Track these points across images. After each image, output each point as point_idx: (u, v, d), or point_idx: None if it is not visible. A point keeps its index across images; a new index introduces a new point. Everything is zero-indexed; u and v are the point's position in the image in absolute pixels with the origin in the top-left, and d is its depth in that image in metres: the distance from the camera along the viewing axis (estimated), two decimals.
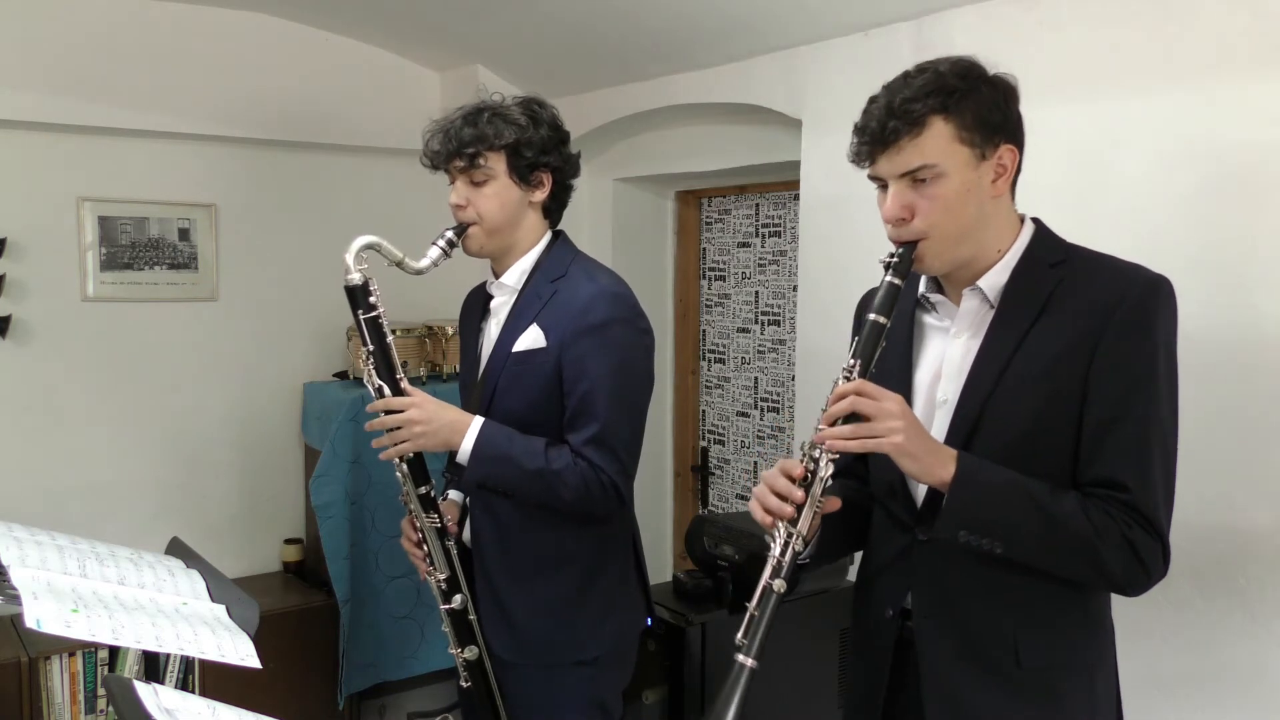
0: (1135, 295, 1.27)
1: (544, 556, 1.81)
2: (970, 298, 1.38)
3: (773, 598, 1.27)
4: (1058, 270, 1.33)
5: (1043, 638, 1.34)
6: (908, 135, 1.27)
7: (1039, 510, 1.26)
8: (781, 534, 1.29)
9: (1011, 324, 1.33)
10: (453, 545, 1.80)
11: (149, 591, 1.23)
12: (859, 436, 1.26)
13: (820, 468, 1.30)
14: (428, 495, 1.77)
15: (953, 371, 1.38)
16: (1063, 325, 1.30)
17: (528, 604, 1.80)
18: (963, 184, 1.29)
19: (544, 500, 1.73)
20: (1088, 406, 1.28)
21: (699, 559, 2.58)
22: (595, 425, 1.72)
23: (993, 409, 1.31)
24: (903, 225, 1.31)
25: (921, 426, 1.29)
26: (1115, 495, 1.27)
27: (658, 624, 2.36)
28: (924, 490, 1.38)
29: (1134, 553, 1.26)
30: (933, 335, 1.43)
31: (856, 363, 1.30)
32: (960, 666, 1.35)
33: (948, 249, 1.32)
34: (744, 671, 1.24)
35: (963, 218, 1.30)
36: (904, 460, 1.26)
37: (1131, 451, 1.26)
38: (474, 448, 1.71)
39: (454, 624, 1.80)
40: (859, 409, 1.27)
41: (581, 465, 1.72)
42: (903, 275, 1.32)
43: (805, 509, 1.29)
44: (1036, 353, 1.30)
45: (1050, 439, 1.30)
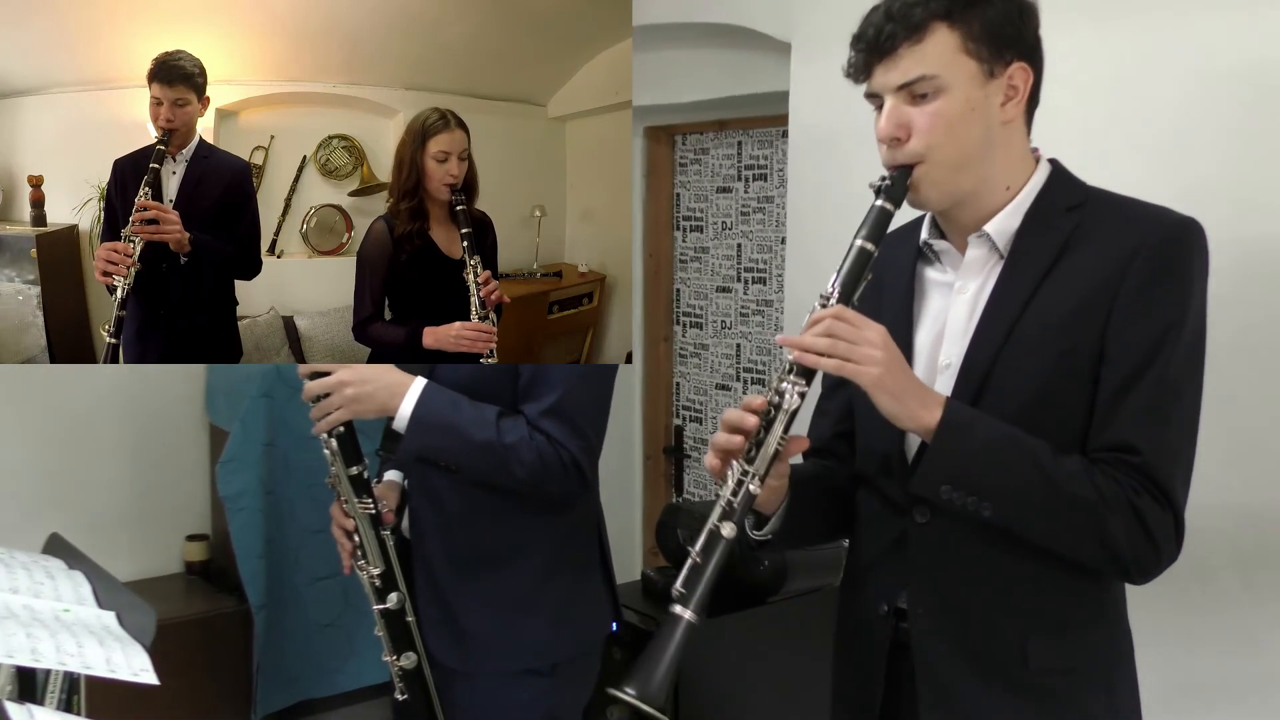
0: (1159, 239, 1.29)
1: (494, 548, 1.81)
2: (977, 245, 1.39)
3: (720, 544, 1.27)
4: (1074, 214, 1.35)
5: (1054, 637, 1.35)
6: (906, 42, 1.29)
7: (1037, 468, 1.27)
8: (735, 472, 1.30)
9: (1022, 275, 1.34)
10: (389, 536, 1.80)
11: (22, 597, 1.22)
12: (833, 356, 1.27)
13: (785, 400, 1.29)
14: (360, 477, 1.76)
15: (957, 331, 1.40)
16: (1079, 276, 1.32)
17: (474, 603, 1.81)
18: (966, 102, 1.30)
19: (494, 478, 1.74)
20: (1105, 367, 1.30)
21: (672, 554, 2.61)
22: (554, 393, 1.73)
23: (1000, 371, 1.33)
24: (897, 146, 1.32)
25: (905, 364, 1.31)
26: (1124, 458, 1.28)
27: (625, 628, 2.39)
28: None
29: (1141, 524, 1.26)
30: (935, 291, 1.45)
31: (836, 289, 1.31)
32: (961, 669, 1.37)
33: (947, 177, 1.33)
34: (679, 625, 1.24)
35: (965, 141, 1.31)
36: (881, 397, 1.28)
37: (1146, 412, 1.28)
38: (414, 412, 1.71)
39: (389, 627, 1.79)
40: (836, 334, 1.27)
41: (539, 439, 1.72)
42: (895, 200, 1.33)
43: (765, 443, 1.29)
44: (1049, 307, 1.32)
45: (1062, 405, 1.32)
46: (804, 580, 2.59)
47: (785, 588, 2.57)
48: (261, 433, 2.99)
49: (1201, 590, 1.92)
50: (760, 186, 3.36)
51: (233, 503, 2.96)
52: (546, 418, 1.73)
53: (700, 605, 1.25)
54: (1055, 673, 1.36)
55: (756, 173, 3.37)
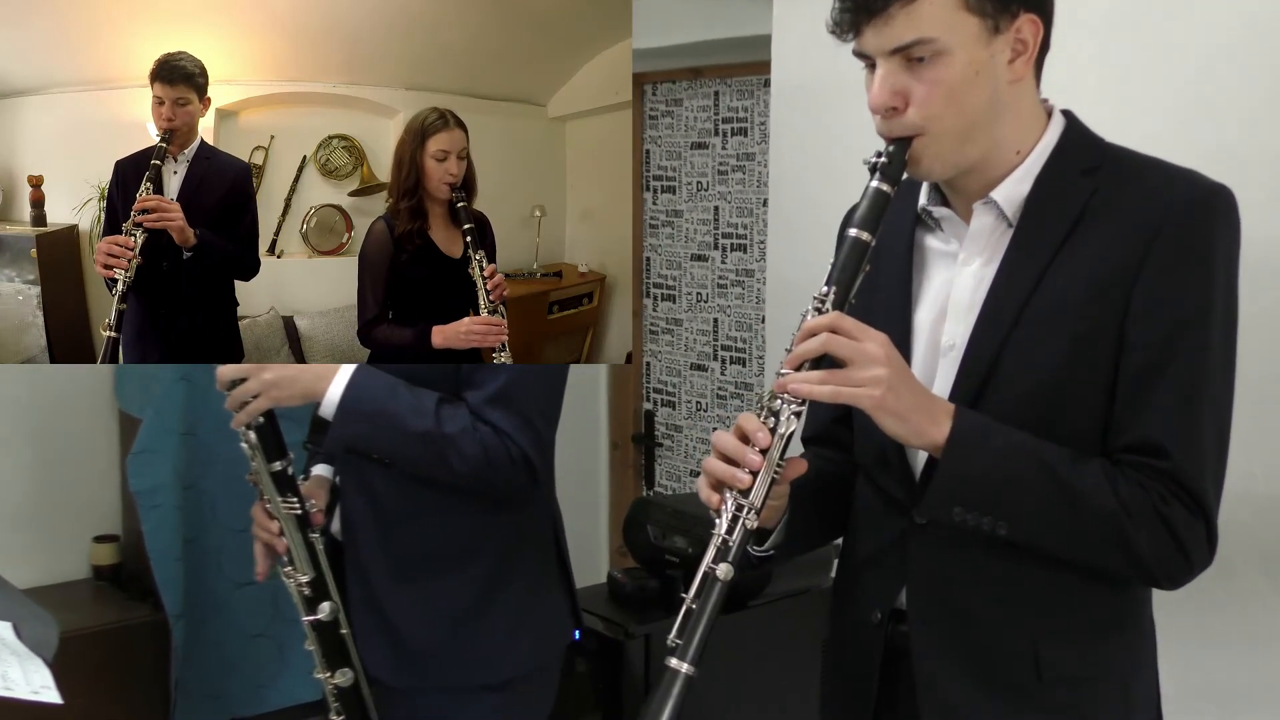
0: (1186, 210, 1.28)
1: (437, 551, 1.81)
2: (983, 214, 1.38)
3: (716, 587, 1.27)
4: (1091, 179, 1.34)
5: (1067, 643, 1.36)
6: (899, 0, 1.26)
7: (1055, 482, 1.27)
8: (730, 506, 1.29)
9: (1033, 248, 1.33)
10: (319, 538, 1.78)
11: None
12: (830, 384, 1.26)
13: (780, 422, 1.29)
14: (284, 473, 1.74)
15: (961, 309, 1.39)
16: (1095, 251, 1.31)
17: (417, 613, 1.81)
18: (970, 65, 1.28)
19: (433, 473, 1.73)
20: (1125, 354, 1.29)
21: (642, 553, 2.61)
22: (500, 378, 1.73)
23: (1009, 356, 1.33)
24: (894, 117, 1.30)
25: (910, 374, 1.31)
26: (1151, 462, 1.28)
27: (588, 637, 2.39)
28: (924, 459, 1.38)
29: (1170, 534, 1.27)
30: (937, 262, 1.44)
31: (831, 291, 1.30)
32: (966, 681, 1.37)
33: (951, 149, 1.32)
34: (678, 680, 1.23)
35: (970, 109, 1.30)
36: (886, 419, 1.27)
37: (1174, 409, 1.27)
38: (343, 397, 1.70)
39: (321, 640, 1.79)
40: (833, 350, 1.27)
41: (483, 430, 1.72)
42: (893, 181, 1.32)
43: (760, 474, 1.29)
44: (1063, 286, 1.31)
45: (1078, 395, 1.31)
46: (788, 582, 2.60)
47: (767, 590, 2.57)
48: (178, 420, 2.93)
49: (1223, 587, 1.91)
50: (740, 142, 3.35)
51: (146, 499, 2.90)
52: (492, 406, 1.73)
53: (697, 656, 1.25)
54: (1070, 683, 1.36)
55: (736, 126, 3.36)
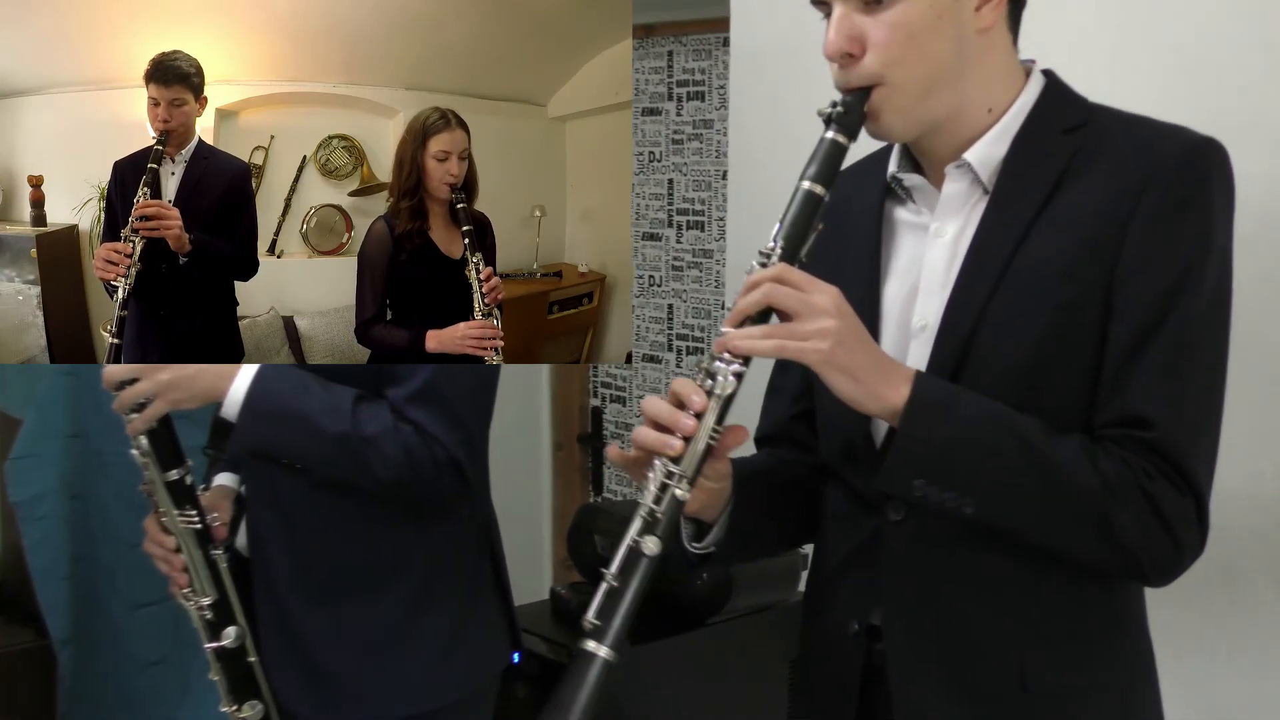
0: (1175, 165, 1.30)
1: (356, 568, 1.82)
2: (956, 178, 1.39)
3: (642, 563, 1.26)
4: (1074, 138, 1.35)
5: (1056, 652, 1.37)
6: None
7: (1028, 454, 1.27)
8: (658, 474, 1.28)
9: (1010, 213, 1.35)
10: (222, 555, 1.78)
11: None
12: (774, 339, 1.26)
13: (718, 384, 1.28)
14: (181, 483, 1.74)
15: (934, 284, 1.40)
16: (1079, 213, 1.32)
17: (334, 636, 1.81)
18: (932, 7, 1.29)
19: (351, 479, 1.73)
20: (1112, 322, 1.30)
21: (588, 566, 2.62)
22: (423, 374, 1.73)
23: (986, 331, 1.33)
24: (850, 65, 1.31)
25: (865, 331, 1.30)
26: (1134, 433, 1.28)
27: (528, 660, 2.38)
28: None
29: (1155, 512, 1.27)
30: (907, 235, 1.45)
31: (778, 245, 1.30)
32: (946, 697, 1.38)
33: (913, 102, 1.33)
34: (593, 664, 1.22)
35: (932, 55, 1.31)
36: (835, 377, 1.26)
37: (1160, 377, 1.28)
38: (248, 396, 1.70)
39: (226, 669, 1.79)
40: (777, 302, 1.26)
41: (406, 431, 1.71)
42: (850, 133, 1.32)
43: (694, 438, 1.28)
44: (1044, 252, 1.32)
45: (1062, 370, 1.32)
46: (751, 596, 2.60)
47: (729, 606, 2.58)
48: (64, 420, 2.89)
49: (1228, 596, 1.96)
50: (696, 108, 3.35)
51: (27, 510, 2.87)
52: (415, 404, 1.73)
53: (618, 639, 1.23)
54: (1059, 696, 1.37)
55: (692, 90, 3.36)
